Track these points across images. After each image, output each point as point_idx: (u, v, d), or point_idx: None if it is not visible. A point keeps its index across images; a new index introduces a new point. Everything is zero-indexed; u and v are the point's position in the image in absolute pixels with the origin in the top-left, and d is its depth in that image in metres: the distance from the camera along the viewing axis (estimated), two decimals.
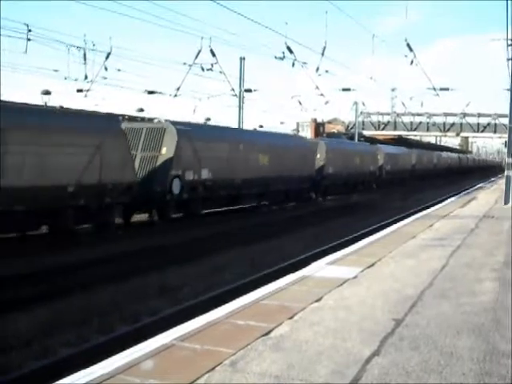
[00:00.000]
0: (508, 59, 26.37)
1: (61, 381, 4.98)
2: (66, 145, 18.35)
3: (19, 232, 18.21)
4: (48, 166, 17.59)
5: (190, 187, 24.83)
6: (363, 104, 72.04)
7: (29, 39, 28.66)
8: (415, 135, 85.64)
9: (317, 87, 46.25)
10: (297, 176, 34.85)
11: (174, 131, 24.28)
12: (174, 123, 25.27)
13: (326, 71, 42.60)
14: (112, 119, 22.51)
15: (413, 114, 77.52)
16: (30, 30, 28.58)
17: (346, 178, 44.19)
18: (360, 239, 15.72)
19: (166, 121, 25.32)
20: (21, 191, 16.69)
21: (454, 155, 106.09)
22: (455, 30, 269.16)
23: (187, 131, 25.18)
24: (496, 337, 6.33)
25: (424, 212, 24.00)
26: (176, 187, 23.88)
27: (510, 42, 25.84)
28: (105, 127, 20.86)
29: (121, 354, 5.68)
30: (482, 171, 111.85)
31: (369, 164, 50.80)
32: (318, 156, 40.25)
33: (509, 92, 26.66)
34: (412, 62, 39.47)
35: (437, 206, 27.33)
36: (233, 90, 43.59)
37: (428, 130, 79.54)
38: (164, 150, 23.96)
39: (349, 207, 35.56)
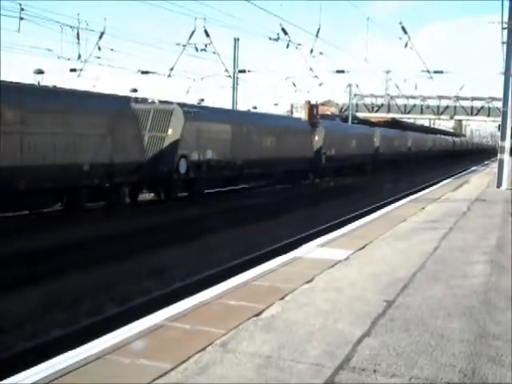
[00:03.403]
0: (503, 43, 26.23)
1: (50, 361, 4.97)
2: (80, 126, 19.39)
3: (37, 209, 19.39)
4: (65, 146, 18.62)
5: (195, 167, 25.93)
6: (357, 86, 71.89)
7: (22, 18, 28.45)
8: (409, 118, 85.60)
9: (311, 69, 46.13)
10: (296, 157, 35.72)
11: (181, 113, 25.29)
12: (181, 105, 26.31)
13: (321, 53, 42.45)
14: (124, 101, 23.74)
15: (407, 97, 77.45)
16: (22, 9, 28.36)
17: (343, 160, 44.88)
18: (352, 221, 15.74)
19: (173, 103, 26.36)
20: (42, 170, 17.82)
21: (449, 138, 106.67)
22: (451, 12, 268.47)
23: (193, 113, 26.21)
24: (486, 319, 6.34)
25: (416, 195, 24.02)
26: (182, 167, 25.04)
27: (504, 26, 25.66)
28: (117, 109, 21.87)
29: (111, 334, 5.68)
30: (475, 154, 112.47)
31: (365, 146, 51.42)
32: (317, 138, 41.15)
33: (503, 76, 26.58)
34: (406, 44, 39.45)
35: (429, 189, 27.35)
36: (227, 70, 43.41)
37: (422, 112, 79.60)
38: (171, 131, 25.02)
39: (344, 189, 35.82)
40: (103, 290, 11.82)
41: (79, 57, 34.39)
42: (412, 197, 22.95)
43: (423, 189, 28.68)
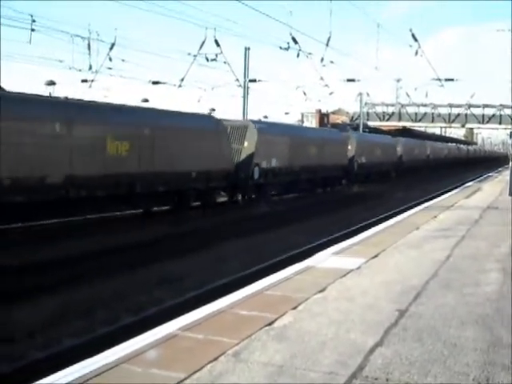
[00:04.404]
0: None
1: (64, 370, 4.99)
2: (191, 140, 24.14)
3: (153, 207, 23.84)
4: (179, 157, 23.06)
5: (264, 173, 30.40)
6: (368, 95, 71.77)
7: (33, 29, 28.64)
8: (420, 126, 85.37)
9: (321, 78, 46.13)
10: (334, 165, 39.80)
11: (255, 128, 29.93)
12: (254, 122, 31.95)
13: (331, 62, 42.45)
14: (217, 120, 28.32)
15: (417, 105, 77.21)
16: (34, 21, 28.56)
17: (371, 167, 48.34)
18: (366, 229, 15.78)
19: (247, 120, 32.33)
20: (163, 176, 22.20)
21: (463, 146, 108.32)
22: (461, 19, 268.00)
23: (263, 128, 31.14)
24: (500, 328, 6.32)
25: (430, 202, 24.05)
26: (256, 173, 29.68)
27: None
28: (214, 127, 26.69)
29: (124, 343, 5.70)
30: (487, 162, 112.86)
31: (390, 155, 54.87)
32: (349, 147, 44.71)
33: None
34: (417, 52, 39.41)
35: (443, 196, 27.35)
36: (237, 80, 43.50)
37: (433, 121, 79.30)
38: (246, 144, 29.52)
39: (370, 194, 38.38)
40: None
41: (90, 67, 34.59)
42: (426, 204, 22.98)
43: (437, 196, 29.48)
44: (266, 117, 55.64)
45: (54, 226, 19.10)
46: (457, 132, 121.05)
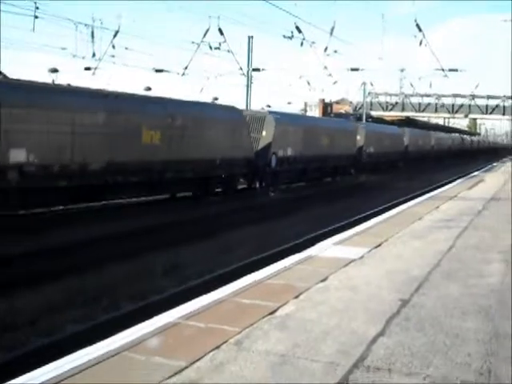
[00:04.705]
0: None
1: (65, 357, 4.99)
2: (217, 130, 25.94)
3: (180, 193, 25.53)
4: (205, 145, 24.63)
5: (280, 162, 31.99)
6: (371, 84, 71.53)
7: (36, 17, 28.56)
8: (423, 116, 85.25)
9: (325, 67, 45.98)
10: (344, 154, 41.44)
11: (272, 119, 31.41)
12: (271, 112, 32.94)
13: (335, 51, 42.36)
14: (239, 111, 30.46)
15: (421, 95, 77.04)
16: (37, 8, 28.47)
17: (379, 157, 49.94)
18: (369, 219, 15.79)
19: (265, 110, 33.38)
20: (190, 163, 23.82)
21: (466, 137, 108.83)
22: (466, 9, 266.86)
23: (280, 118, 32.45)
24: (502, 319, 6.31)
25: (433, 192, 24.08)
26: (273, 162, 31.32)
27: None
28: (236, 117, 28.65)
29: (127, 331, 5.69)
30: (490, 153, 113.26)
31: (398, 145, 56.75)
32: (358, 138, 46.20)
33: None
34: (421, 42, 39.22)
35: (445, 187, 27.34)
36: (241, 69, 43.41)
37: (436, 111, 79.15)
38: (264, 133, 31.14)
39: (377, 183, 39.48)
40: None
41: (94, 55, 34.50)
42: (429, 194, 22.99)
43: (441, 186, 29.73)
44: (268, 106, 55.23)
45: (84, 210, 20.43)
46: (460, 122, 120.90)
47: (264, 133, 31.18)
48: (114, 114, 20.06)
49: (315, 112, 66.65)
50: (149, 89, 42.50)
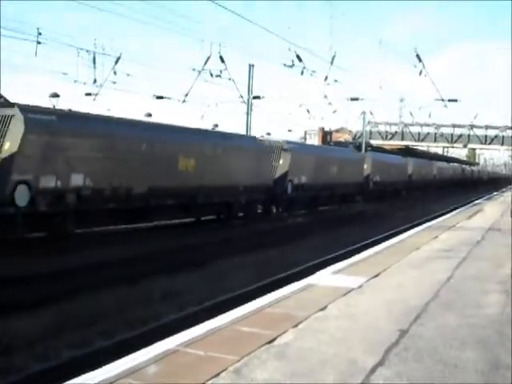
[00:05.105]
0: None
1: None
2: (240, 158, 27.92)
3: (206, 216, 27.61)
4: (231, 172, 26.99)
5: (296, 189, 34.28)
6: (371, 113, 71.69)
7: (39, 42, 28.74)
8: (422, 146, 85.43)
9: (325, 96, 46.14)
10: (351, 182, 43.85)
11: (288, 149, 33.64)
12: (288, 142, 35.34)
13: (335, 80, 42.50)
14: (261, 142, 32.90)
15: (421, 125, 77.21)
16: (40, 34, 28.66)
17: (385, 185, 52.51)
18: (368, 247, 15.82)
19: (282, 140, 35.30)
20: (218, 189, 25.99)
21: (467, 167, 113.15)
22: (465, 38, 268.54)
23: (295, 148, 35.11)
24: (501, 350, 6.30)
25: (432, 222, 24.12)
26: (289, 188, 33.61)
27: None
28: (258, 147, 31.02)
29: (125, 358, 5.69)
30: (489, 183, 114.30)
31: (402, 174, 59.23)
32: (365, 166, 48.75)
33: None
34: (421, 72, 39.44)
35: (445, 216, 27.38)
36: (241, 96, 43.57)
37: (435, 140, 79.32)
38: (281, 161, 33.27)
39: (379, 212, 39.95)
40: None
41: (95, 81, 34.65)
42: (428, 223, 23.00)
43: (441, 215, 30.14)
44: (268, 134, 55.41)
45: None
46: (459, 152, 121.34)
47: (281, 161, 33.25)
48: (155, 143, 22.25)
49: (314, 140, 66.76)
50: (149, 115, 42.59)
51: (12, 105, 17.73)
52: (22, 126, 17.13)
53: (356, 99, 54.13)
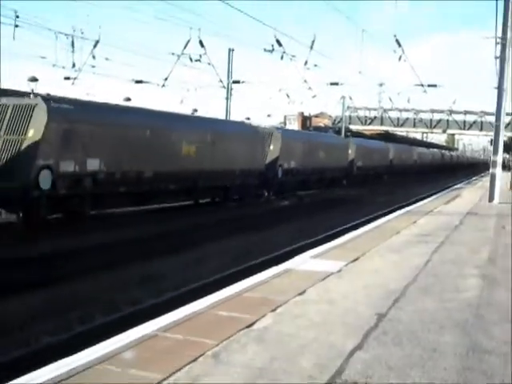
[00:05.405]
0: (496, 57, 26.34)
1: (40, 370, 4.94)
2: (237, 144, 29.66)
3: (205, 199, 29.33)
4: (229, 158, 28.73)
5: (286, 173, 36.07)
6: (350, 98, 71.87)
7: (17, 26, 28.48)
8: (401, 131, 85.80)
9: (305, 81, 46.16)
10: (337, 167, 45.77)
11: (279, 134, 35.59)
12: (278, 128, 38.11)
13: (315, 65, 42.50)
14: (255, 128, 34.24)
15: (400, 110, 77.63)
16: (17, 17, 28.40)
17: (368, 170, 54.21)
18: (347, 232, 15.84)
19: (272, 126, 37.93)
20: (217, 173, 27.58)
21: (446, 153, 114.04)
22: (445, 25, 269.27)
23: (285, 134, 37.07)
24: (479, 333, 6.34)
25: (411, 207, 24.21)
26: (280, 173, 35.33)
27: (498, 40, 25.76)
28: (252, 133, 32.66)
29: (102, 343, 5.65)
30: (468, 168, 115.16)
31: (383, 159, 60.93)
32: (350, 152, 50.44)
33: (496, 90, 26.67)
34: (400, 57, 39.51)
35: (424, 201, 27.51)
36: (221, 81, 43.49)
37: (415, 126, 79.80)
38: (272, 147, 34.85)
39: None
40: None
41: (74, 65, 34.43)
42: (406, 209, 23.09)
43: (420, 200, 30.20)
44: (248, 118, 55.45)
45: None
46: (438, 137, 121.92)
47: (272, 147, 34.82)
48: (161, 131, 24.08)
49: (294, 125, 66.76)
50: (128, 99, 42.33)
51: (35, 95, 19.52)
52: (45, 114, 18.61)
53: (336, 84, 54.27)
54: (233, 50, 44.51)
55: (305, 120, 68.53)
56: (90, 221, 20.54)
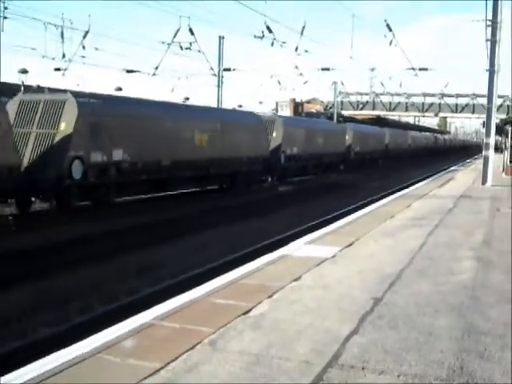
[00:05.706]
0: (486, 40, 26.32)
1: (41, 360, 4.96)
2: (243, 132, 31.13)
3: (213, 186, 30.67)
4: (237, 146, 30.29)
5: (289, 159, 37.41)
6: (342, 84, 71.77)
7: (5, 17, 28.34)
8: (394, 115, 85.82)
9: (296, 67, 46.09)
10: (335, 153, 46.80)
11: (281, 121, 37.09)
12: (280, 116, 40.50)
13: (306, 51, 42.41)
14: (260, 116, 35.76)
15: (391, 94, 77.57)
16: (6, 8, 28.26)
17: (365, 155, 55.16)
18: (344, 216, 15.88)
19: (275, 114, 41.50)
20: (227, 160, 29.21)
21: (440, 136, 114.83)
22: (436, 9, 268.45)
23: (287, 121, 38.84)
24: (474, 315, 6.37)
25: (405, 190, 24.24)
26: (283, 159, 36.58)
27: (488, 23, 25.74)
28: (257, 121, 34.06)
29: (101, 332, 5.67)
30: (461, 151, 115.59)
31: (379, 143, 61.92)
32: (347, 137, 51.33)
33: (487, 73, 26.67)
34: (391, 42, 39.48)
35: (418, 185, 27.55)
36: (212, 69, 43.39)
37: (407, 110, 79.77)
38: (275, 134, 36.25)
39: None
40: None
41: (64, 56, 34.27)
42: (400, 193, 23.14)
43: (414, 183, 30.36)
44: (240, 106, 55.48)
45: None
46: (430, 121, 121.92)
47: (274, 134, 36.22)
48: (178, 121, 25.68)
49: (286, 111, 66.79)
50: (120, 89, 42.27)
51: (64, 91, 21.22)
52: (76, 109, 20.07)
53: (327, 69, 54.12)
54: (223, 38, 44.39)
55: (297, 106, 68.54)
56: (108, 208, 21.83)
